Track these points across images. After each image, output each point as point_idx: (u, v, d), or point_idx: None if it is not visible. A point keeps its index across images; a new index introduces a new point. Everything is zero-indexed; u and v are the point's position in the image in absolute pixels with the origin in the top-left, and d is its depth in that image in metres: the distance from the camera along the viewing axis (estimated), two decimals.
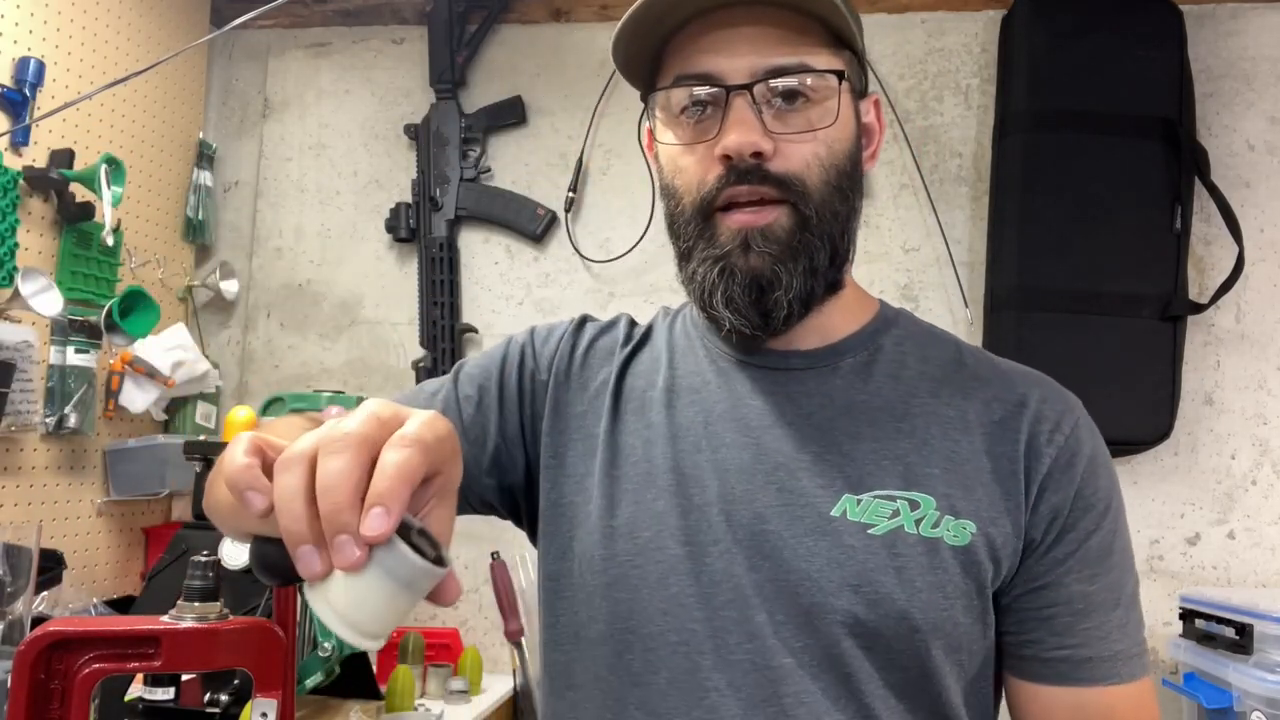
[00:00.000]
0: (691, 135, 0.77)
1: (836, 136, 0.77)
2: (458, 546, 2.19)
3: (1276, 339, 2.00)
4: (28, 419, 1.77)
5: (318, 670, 1.58)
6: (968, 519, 0.75)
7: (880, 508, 0.75)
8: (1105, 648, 0.76)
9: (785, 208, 0.75)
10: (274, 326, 2.32)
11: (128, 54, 2.03)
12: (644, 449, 0.82)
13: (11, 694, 0.67)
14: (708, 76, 0.75)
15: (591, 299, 2.20)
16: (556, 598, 0.84)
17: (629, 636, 0.78)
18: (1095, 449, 0.80)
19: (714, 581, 0.76)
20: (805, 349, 0.83)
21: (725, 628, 0.75)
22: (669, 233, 0.82)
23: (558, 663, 0.84)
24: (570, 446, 0.85)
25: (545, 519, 0.85)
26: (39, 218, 1.83)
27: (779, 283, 0.75)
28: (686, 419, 0.82)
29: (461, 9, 2.24)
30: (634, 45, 0.78)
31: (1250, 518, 1.97)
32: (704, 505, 0.78)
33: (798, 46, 0.75)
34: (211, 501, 0.73)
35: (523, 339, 0.91)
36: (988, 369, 0.83)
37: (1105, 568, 0.78)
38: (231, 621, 0.73)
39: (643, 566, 0.78)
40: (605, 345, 0.90)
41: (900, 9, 2.16)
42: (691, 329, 0.89)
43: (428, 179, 2.23)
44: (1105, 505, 0.79)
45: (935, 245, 2.09)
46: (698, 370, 0.85)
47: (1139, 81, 1.93)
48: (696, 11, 0.75)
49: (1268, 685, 1.47)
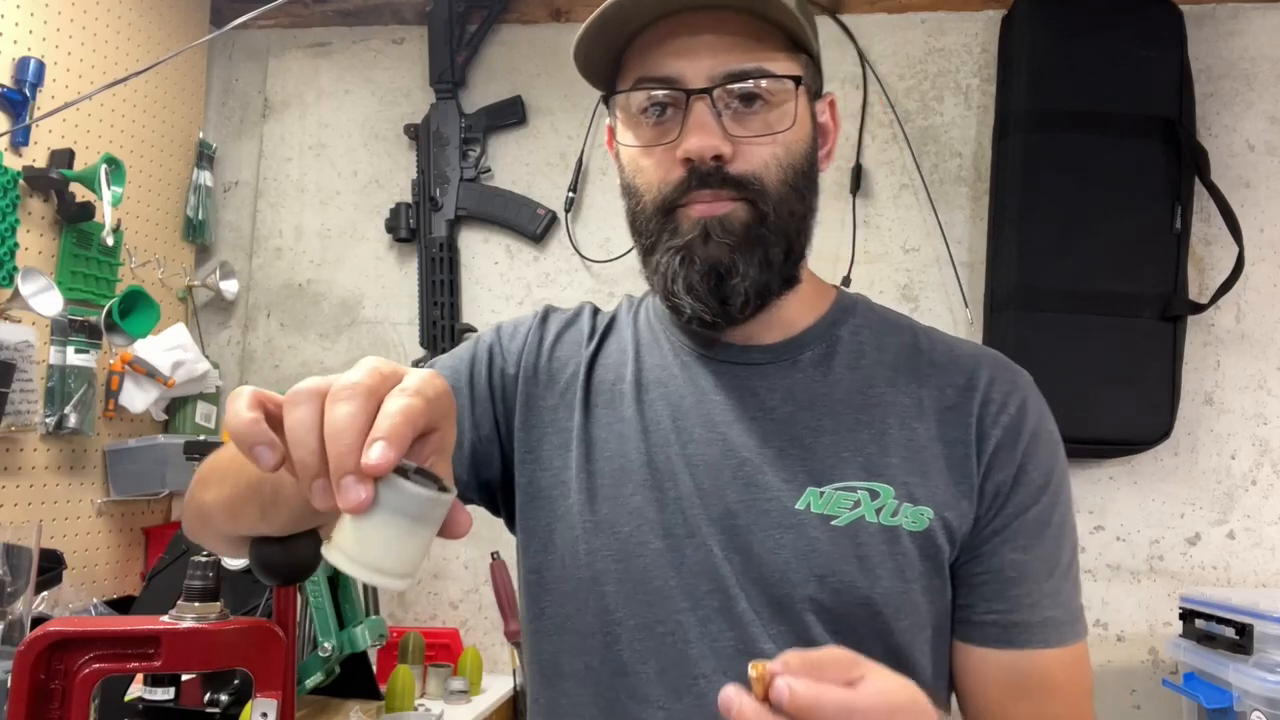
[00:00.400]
0: (652, 136, 0.80)
1: (794, 138, 0.80)
2: (458, 546, 2.19)
3: (1276, 339, 2.00)
4: (28, 419, 1.77)
5: (318, 670, 1.58)
6: (925, 505, 0.79)
7: (842, 499, 0.78)
8: (1035, 614, 0.79)
9: (744, 203, 0.78)
10: (274, 326, 2.32)
11: (128, 54, 2.03)
12: (618, 443, 0.84)
13: (11, 694, 0.67)
14: (669, 80, 0.78)
15: (591, 299, 2.18)
16: (541, 590, 0.86)
17: (616, 629, 0.81)
18: (1039, 426, 0.82)
19: (694, 573, 0.79)
20: (766, 343, 0.85)
21: (709, 616, 0.79)
22: (630, 230, 0.84)
23: (545, 652, 0.86)
24: (544, 440, 0.87)
25: (523, 513, 0.87)
26: (39, 218, 1.83)
27: (736, 271, 0.78)
28: (655, 413, 0.85)
29: (461, 9, 2.24)
30: (595, 47, 0.80)
31: (1250, 518, 1.97)
32: (678, 499, 0.81)
33: (756, 51, 0.77)
34: (201, 508, 0.73)
35: (490, 337, 0.93)
36: (942, 353, 0.86)
37: (1040, 539, 0.80)
38: (231, 621, 0.73)
39: (626, 560, 0.81)
40: (571, 338, 0.92)
41: (900, 9, 2.16)
42: (655, 321, 0.91)
43: (428, 179, 2.23)
44: (1045, 480, 0.81)
45: (935, 245, 2.09)
46: (663, 364, 0.87)
47: (1139, 81, 1.93)
48: (658, 15, 0.77)
49: (1268, 685, 1.47)
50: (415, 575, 0.52)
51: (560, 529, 0.84)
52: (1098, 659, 1.98)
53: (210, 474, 0.73)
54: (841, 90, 2.17)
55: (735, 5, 0.76)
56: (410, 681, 1.74)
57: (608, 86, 0.84)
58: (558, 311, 0.96)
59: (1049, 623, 0.79)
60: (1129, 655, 1.98)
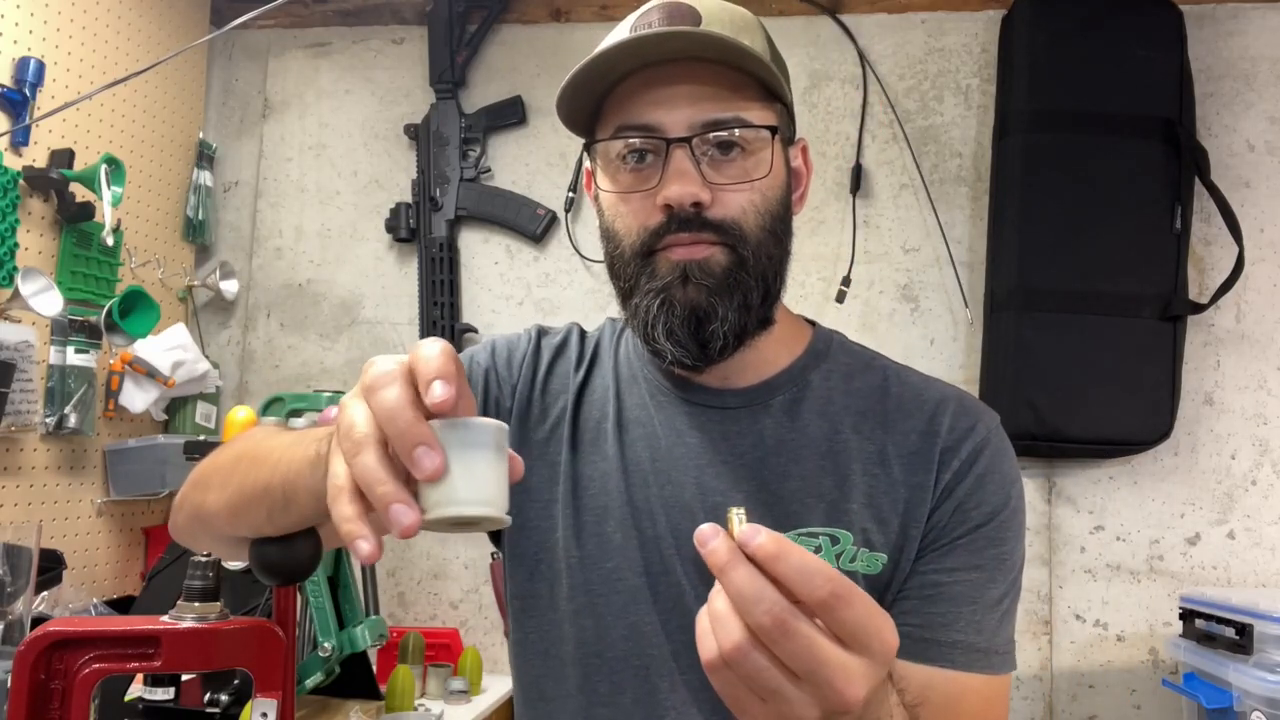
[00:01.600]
0: (631, 183, 0.82)
1: (770, 185, 0.82)
2: (458, 546, 2.19)
3: (1276, 339, 2.00)
4: (28, 419, 1.77)
5: (318, 670, 1.58)
6: (880, 551, 0.82)
7: (805, 544, 0.79)
8: (947, 634, 0.80)
9: (723, 247, 0.80)
10: (274, 326, 2.32)
11: (128, 54, 2.03)
12: (601, 481, 0.88)
13: (11, 694, 0.67)
14: (648, 128, 0.80)
15: (591, 299, 2.20)
16: (525, 615, 0.90)
17: (595, 660, 0.85)
18: (990, 467, 0.83)
19: (667, 610, 0.83)
20: (739, 386, 0.88)
21: (679, 652, 0.82)
22: (609, 273, 0.86)
23: (529, 675, 0.91)
24: (533, 472, 0.90)
25: (510, 540, 0.91)
26: (39, 218, 1.83)
27: (715, 314, 0.80)
28: (635, 454, 0.88)
29: (461, 9, 2.24)
30: (578, 97, 0.82)
31: (1250, 518, 1.97)
32: (655, 538, 0.85)
33: (732, 101, 0.80)
34: (199, 510, 0.73)
35: (484, 359, 0.95)
36: (910, 397, 0.87)
37: (967, 567, 0.82)
38: (231, 621, 0.73)
39: (606, 595, 0.85)
40: (561, 370, 0.95)
41: (900, 9, 2.16)
42: (634, 358, 0.94)
43: (428, 179, 2.23)
44: (985, 519, 0.82)
45: (935, 245, 2.09)
46: (641, 404, 0.90)
47: (1139, 81, 1.93)
48: (638, 66, 0.80)
49: (1268, 685, 1.47)
50: (507, 503, 0.54)
51: (546, 559, 0.88)
52: (1098, 659, 1.98)
53: (211, 476, 0.74)
54: (841, 90, 2.17)
55: (710, 57, 0.79)
56: (410, 681, 1.74)
57: (588, 134, 0.86)
58: (548, 335, 0.97)
59: (959, 645, 0.80)
60: (1129, 655, 1.98)
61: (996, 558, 0.82)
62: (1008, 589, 0.83)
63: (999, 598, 0.82)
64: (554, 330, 0.98)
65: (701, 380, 0.88)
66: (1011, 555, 0.84)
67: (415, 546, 2.20)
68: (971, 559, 0.81)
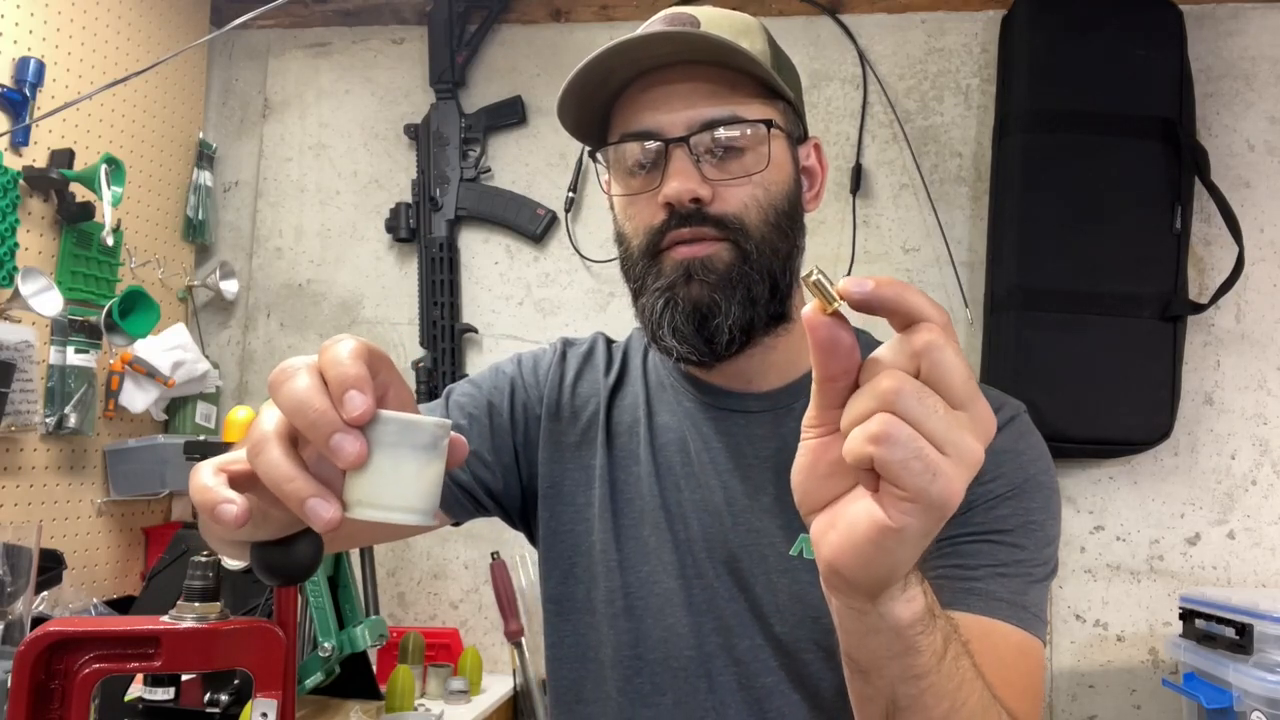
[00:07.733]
0: (638, 186, 0.84)
1: (772, 179, 0.83)
2: (458, 547, 2.19)
3: (1276, 339, 2.00)
4: (28, 419, 1.77)
5: (318, 670, 1.58)
6: None
7: None
8: (975, 584, 0.77)
9: (726, 243, 0.81)
10: (274, 326, 2.32)
11: (128, 54, 2.03)
12: (635, 486, 0.90)
13: (11, 694, 0.67)
14: (648, 132, 0.82)
15: (591, 299, 2.20)
16: (560, 619, 0.92)
17: (637, 662, 0.87)
18: (1007, 445, 0.82)
19: (701, 612, 0.86)
20: (762, 390, 0.89)
21: (713, 654, 0.85)
22: (623, 275, 0.88)
23: (566, 679, 0.92)
24: (567, 476, 0.92)
25: (545, 544, 0.93)
26: (39, 218, 1.83)
27: (719, 310, 0.81)
28: (667, 458, 0.90)
29: (461, 9, 2.24)
30: (582, 110, 0.85)
31: (1250, 518, 1.97)
32: (688, 541, 0.87)
33: (729, 99, 0.82)
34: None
35: (510, 369, 0.97)
36: None
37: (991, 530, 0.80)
38: (231, 621, 0.73)
39: (645, 598, 0.87)
40: (590, 377, 0.96)
41: (900, 9, 2.16)
42: (661, 366, 0.95)
43: (428, 179, 2.23)
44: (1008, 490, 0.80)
45: (935, 245, 2.09)
46: (670, 410, 0.92)
47: (1139, 81, 1.92)
48: (635, 73, 0.82)
49: (1268, 685, 1.47)
50: (435, 508, 0.52)
51: (582, 563, 0.90)
52: (1098, 659, 1.98)
53: None
54: (841, 90, 2.17)
55: (705, 59, 0.81)
56: (410, 681, 1.74)
57: (601, 143, 0.88)
58: (574, 346, 0.99)
59: (987, 595, 0.77)
60: (1129, 655, 1.98)
61: (1022, 526, 0.81)
62: (1035, 555, 0.81)
63: (1024, 560, 0.81)
64: (579, 340, 1.00)
65: (726, 384, 0.89)
66: (1041, 527, 0.82)
67: (415, 546, 2.20)
68: (994, 524, 0.80)
